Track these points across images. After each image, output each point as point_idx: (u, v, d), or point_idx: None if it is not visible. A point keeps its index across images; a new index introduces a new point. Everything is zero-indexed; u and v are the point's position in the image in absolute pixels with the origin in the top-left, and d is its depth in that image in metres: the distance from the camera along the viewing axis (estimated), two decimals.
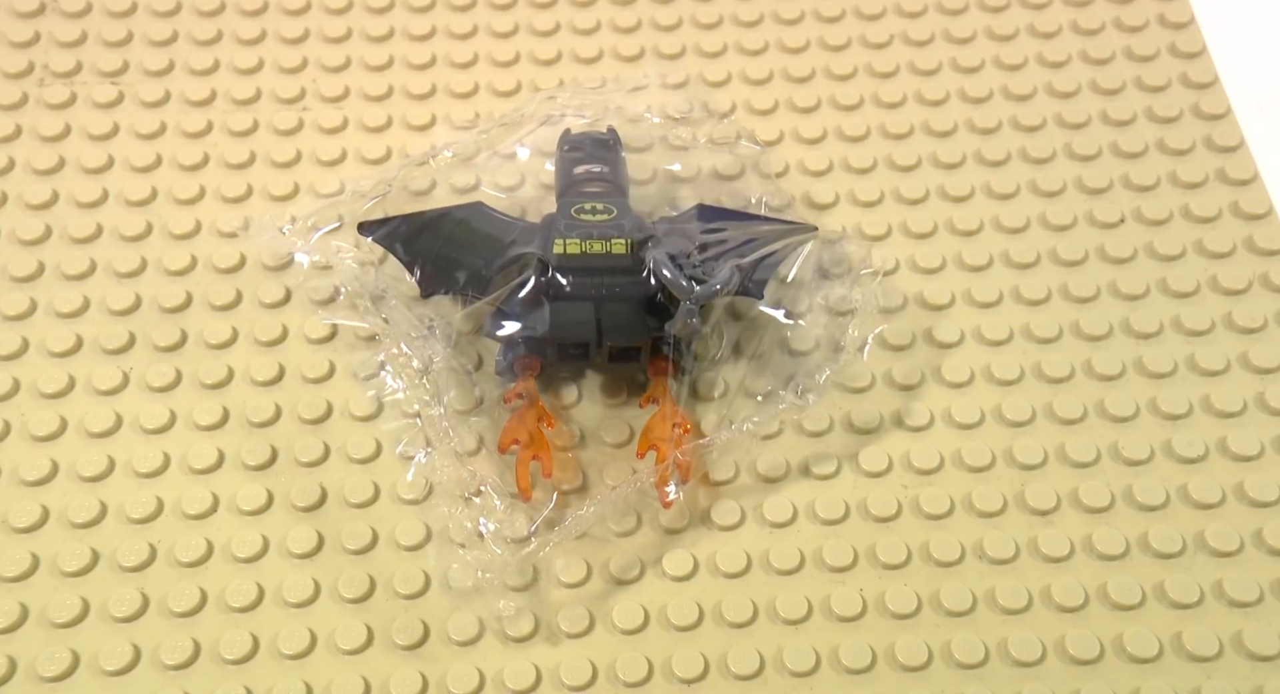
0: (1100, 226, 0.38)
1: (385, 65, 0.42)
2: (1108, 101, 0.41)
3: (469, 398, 0.34)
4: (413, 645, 0.30)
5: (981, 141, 0.40)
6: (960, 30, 0.43)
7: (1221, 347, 0.35)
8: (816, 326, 0.35)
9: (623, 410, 0.34)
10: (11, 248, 0.37)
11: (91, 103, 0.41)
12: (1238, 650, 0.30)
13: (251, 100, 0.41)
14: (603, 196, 0.34)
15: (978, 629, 0.31)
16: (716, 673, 0.30)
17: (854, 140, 0.40)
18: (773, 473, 0.33)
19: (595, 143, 0.36)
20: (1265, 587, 0.31)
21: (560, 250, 0.32)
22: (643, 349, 0.33)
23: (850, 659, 0.30)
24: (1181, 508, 0.32)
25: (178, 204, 0.38)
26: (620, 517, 0.32)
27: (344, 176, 0.39)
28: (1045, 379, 0.35)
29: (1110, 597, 0.31)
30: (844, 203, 0.39)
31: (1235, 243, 0.37)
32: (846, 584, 0.31)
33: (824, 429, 0.34)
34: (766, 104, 0.41)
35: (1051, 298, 0.36)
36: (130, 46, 0.42)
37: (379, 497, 0.33)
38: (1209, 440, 0.34)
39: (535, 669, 0.30)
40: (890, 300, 0.36)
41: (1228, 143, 0.40)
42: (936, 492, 0.33)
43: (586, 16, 0.43)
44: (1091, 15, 0.43)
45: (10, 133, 0.40)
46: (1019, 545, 0.32)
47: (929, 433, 0.34)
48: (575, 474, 0.33)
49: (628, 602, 0.31)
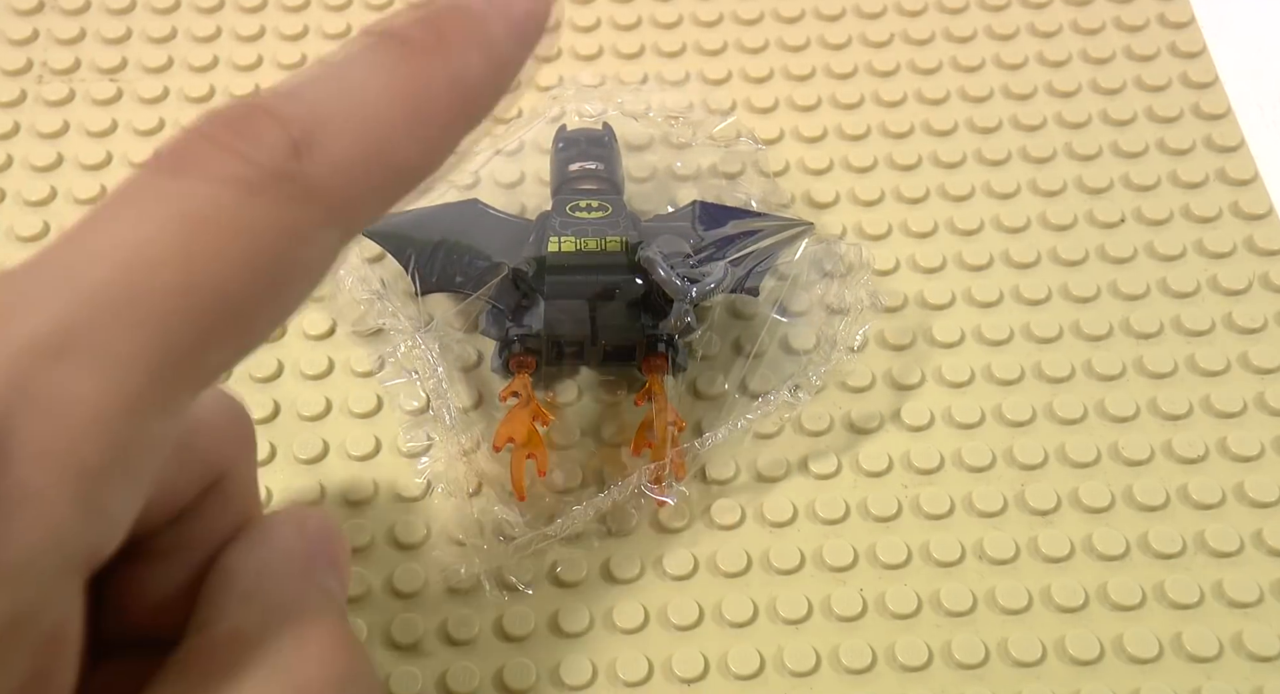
0: (1100, 226, 0.38)
1: None
2: (1108, 101, 0.41)
3: (468, 394, 0.34)
4: (411, 644, 0.30)
5: (982, 141, 0.40)
6: (960, 29, 0.43)
7: (1221, 347, 0.35)
8: (815, 325, 0.35)
9: (620, 407, 0.34)
10: (10, 245, 0.37)
11: (90, 100, 0.41)
12: (1238, 651, 0.30)
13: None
14: (598, 194, 0.34)
15: (978, 629, 0.31)
16: (716, 672, 0.30)
17: (854, 139, 0.40)
18: (773, 472, 0.33)
19: (590, 140, 0.36)
20: (1265, 587, 0.31)
21: (555, 248, 0.32)
22: (638, 347, 0.33)
23: (850, 659, 0.30)
24: (1181, 508, 0.32)
25: None
26: (617, 515, 0.32)
27: None
28: (1045, 379, 0.35)
29: (1110, 597, 0.31)
30: (844, 202, 0.38)
31: (1235, 243, 0.37)
32: (847, 584, 0.31)
33: (824, 428, 0.34)
34: (767, 102, 0.41)
35: (1051, 298, 0.36)
36: (129, 43, 0.42)
37: (378, 493, 0.33)
38: (1209, 441, 0.34)
39: (534, 668, 0.30)
40: (890, 300, 0.36)
41: (1228, 143, 0.40)
42: (936, 491, 0.33)
43: (586, 14, 0.43)
44: (1092, 15, 0.43)
45: (9, 130, 0.40)
46: (1019, 546, 0.32)
47: (929, 432, 0.34)
48: (572, 472, 0.33)
49: (627, 601, 0.31)
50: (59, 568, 0.15)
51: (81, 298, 0.15)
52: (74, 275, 0.15)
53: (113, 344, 0.15)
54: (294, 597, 0.18)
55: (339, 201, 0.16)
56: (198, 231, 0.15)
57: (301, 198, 0.16)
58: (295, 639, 0.17)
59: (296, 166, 0.16)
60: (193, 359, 0.15)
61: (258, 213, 0.16)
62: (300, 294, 0.17)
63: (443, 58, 0.18)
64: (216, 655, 0.17)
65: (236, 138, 0.16)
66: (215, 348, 0.16)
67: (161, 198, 0.15)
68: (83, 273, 0.15)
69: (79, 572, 0.15)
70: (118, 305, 0.15)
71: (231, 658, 0.17)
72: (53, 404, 0.14)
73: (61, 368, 0.14)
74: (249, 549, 0.18)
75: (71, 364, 0.14)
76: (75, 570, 0.15)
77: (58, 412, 0.14)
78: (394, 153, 0.17)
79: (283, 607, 0.18)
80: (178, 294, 0.15)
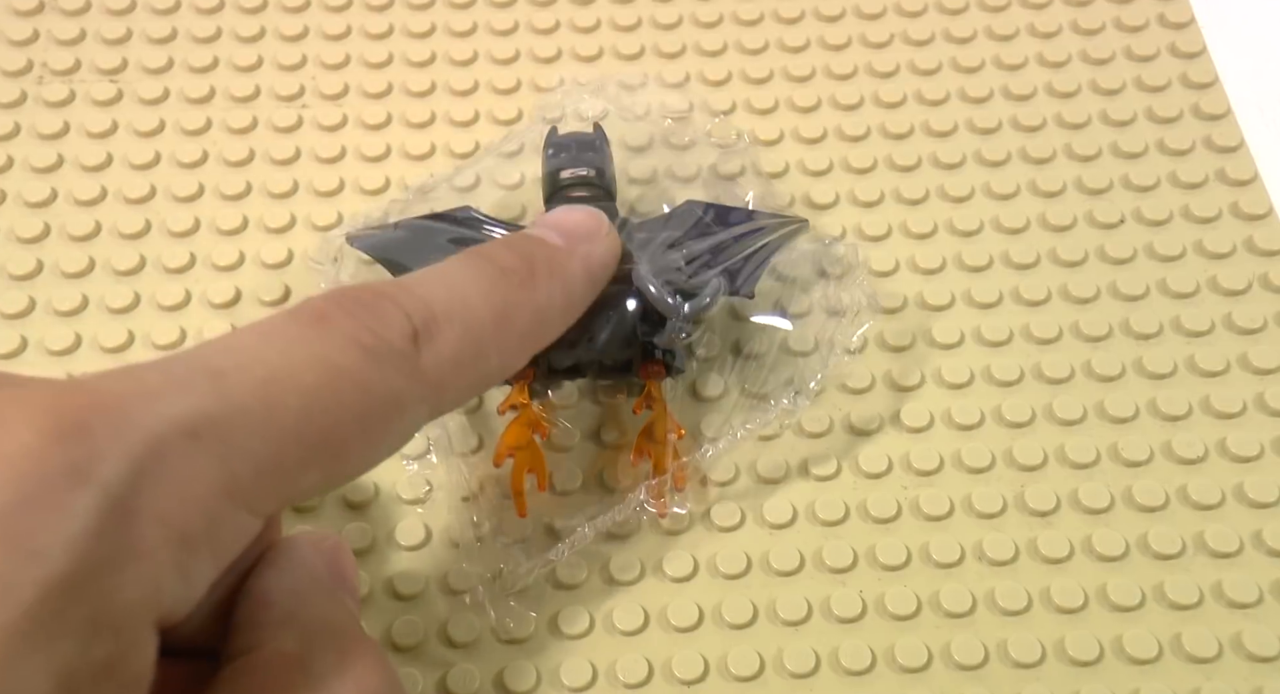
0: (1100, 227, 0.38)
1: (385, 62, 0.42)
2: (1108, 102, 0.41)
3: (466, 406, 0.34)
4: (412, 646, 0.30)
5: (981, 142, 0.40)
6: (960, 30, 0.43)
7: (1221, 347, 0.35)
8: (814, 327, 0.35)
9: (621, 412, 0.34)
10: (10, 246, 0.37)
11: (90, 100, 0.41)
12: (1237, 652, 0.30)
13: (250, 98, 0.41)
14: (589, 201, 0.33)
15: (977, 630, 0.31)
16: (716, 674, 0.30)
17: (854, 140, 0.40)
18: (772, 474, 0.33)
19: (580, 144, 0.35)
20: (1265, 588, 0.31)
21: None
22: (634, 357, 0.33)
23: (850, 660, 0.30)
24: (1181, 509, 0.32)
25: (176, 201, 0.38)
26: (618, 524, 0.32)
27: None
28: (1045, 380, 0.35)
29: (1110, 598, 0.31)
30: (844, 203, 0.38)
31: (1235, 243, 0.37)
32: (846, 585, 0.31)
33: (824, 430, 0.34)
34: (766, 103, 0.41)
35: (1051, 298, 0.36)
36: (129, 44, 0.42)
37: (378, 497, 0.33)
38: (1209, 441, 0.34)
39: (535, 670, 0.30)
40: (889, 301, 0.36)
41: (1228, 143, 0.40)
42: (936, 493, 0.33)
43: (586, 14, 0.43)
44: (1091, 15, 0.43)
45: (9, 131, 0.40)
46: (1018, 547, 0.32)
47: (929, 434, 0.34)
48: (572, 474, 0.33)
49: (627, 603, 0.31)
50: (152, 621, 0.16)
51: (223, 396, 0.17)
52: (220, 376, 0.17)
53: (238, 441, 0.17)
54: (327, 618, 0.20)
55: (436, 384, 0.20)
56: (327, 375, 0.18)
57: (410, 375, 0.20)
58: (337, 659, 0.19)
59: (413, 349, 0.20)
60: (293, 475, 0.18)
61: (376, 376, 0.19)
62: (386, 451, 0.21)
63: (530, 290, 0.23)
64: (264, 677, 0.18)
65: (368, 315, 0.20)
66: (312, 472, 0.19)
67: (303, 341, 0.19)
68: (228, 376, 0.17)
69: (159, 627, 0.17)
70: (251, 412, 0.17)
71: (279, 679, 0.18)
72: (178, 476, 0.16)
73: (193, 448, 0.16)
74: (280, 573, 0.20)
75: (201, 448, 0.17)
76: (158, 625, 0.17)
77: (181, 484, 0.16)
78: (484, 357, 0.22)
79: (320, 628, 0.19)
80: (300, 418, 0.18)
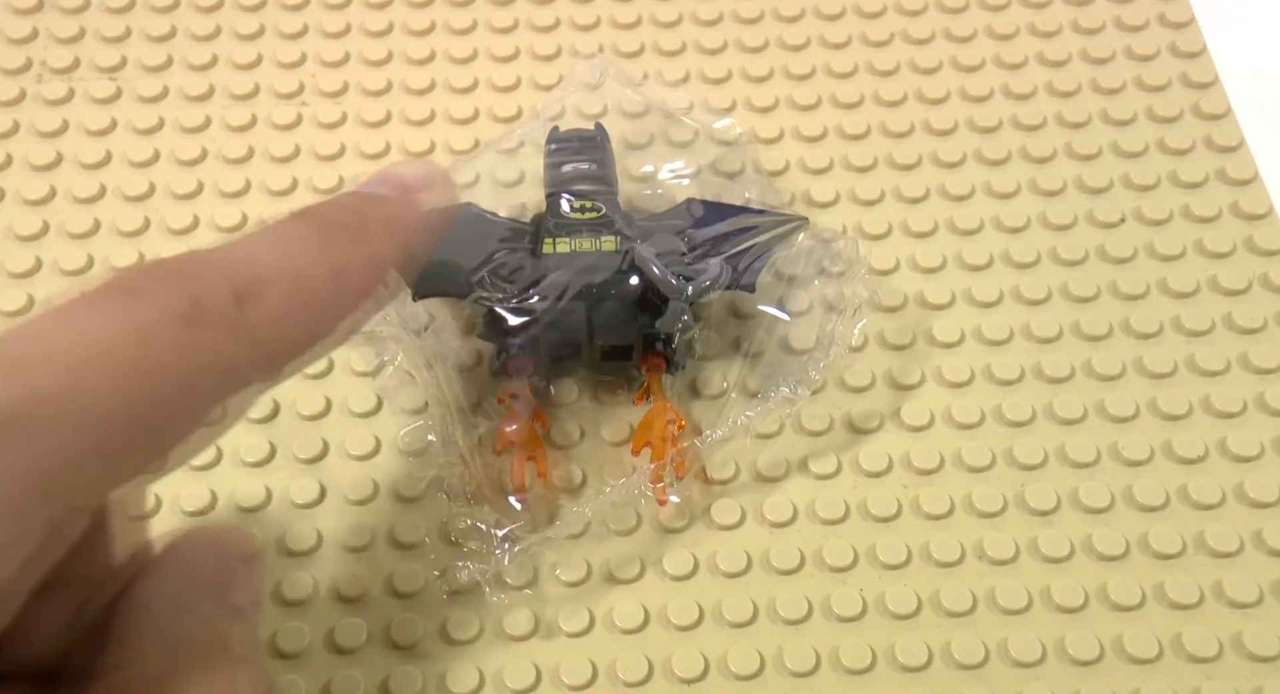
0: (1100, 226, 0.38)
1: (384, 60, 0.42)
2: (1108, 101, 0.41)
3: (467, 396, 0.34)
4: (410, 644, 0.30)
5: (982, 140, 0.40)
6: (960, 29, 0.43)
7: (1221, 347, 0.35)
8: (814, 323, 0.35)
9: (620, 406, 0.34)
10: (9, 243, 0.37)
11: (89, 98, 0.41)
12: (1237, 651, 0.30)
13: (250, 95, 0.41)
14: (591, 195, 0.34)
15: (978, 630, 0.31)
16: (716, 673, 0.30)
17: (854, 138, 0.40)
18: (773, 472, 0.33)
19: (582, 141, 0.36)
20: (1265, 587, 0.31)
21: (550, 250, 0.32)
22: (635, 347, 0.33)
23: (850, 659, 0.30)
24: (1181, 508, 0.32)
25: (175, 199, 0.38)
26: (618, 515, 0.32)
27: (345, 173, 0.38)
28: (1045, 379, 0.35)
29: (1110, 597, 0.31)
30: (844, 201, 0.38)
31: (1235, 243, 0.37)
32: (846, 584, 0.31)
33: (824, 428, 0.34)
34: (766, 101, 0.41)
35: (1051, 298, 0.36)
36: (128, 42, 0.42)
37: (378, 493, 0.33)
38: (1209, 441, 0.34)
39: (535, 668, 0.30)
40: (890, 299, 0.36)
41: (1228, 143, 0.40)
42: (936, 492, 0.33)
43: (586, 12, 0.43)
44: (1092, 15, 0.43)
45: (8, 129, 0.40)
46: (1019, 546, 0.32)
47: (929, 433, 0.34)
48: (572, 471, 0.33)
49: (627, 601, 0.31)
50: None
51: (24, 388, 0.16)
52: (20, 368, 0.16)
53: (45, 434, 0.16)
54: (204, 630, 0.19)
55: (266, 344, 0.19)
56: (143, 349, 0.17)
57: (236, 336, 0.18)
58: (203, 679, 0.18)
59: (237, 310, 0.18)
60: (115, 459, 0.17)
61: (199, 342, 0.17)
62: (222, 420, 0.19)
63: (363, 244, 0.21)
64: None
65: (184, 282, 0.18)
66: (138, 453, 0.17)
67: (113, 317, 0.17)
68: (29, 367, 0.16)
69: None
70: (58, 401, 0.16)
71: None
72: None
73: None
74: (163, 578, 0.19)
75: (3, 446, 0.15)
76: None
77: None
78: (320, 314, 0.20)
79: (192, 644, 0.18)
80: (115, 399, 0.16)
